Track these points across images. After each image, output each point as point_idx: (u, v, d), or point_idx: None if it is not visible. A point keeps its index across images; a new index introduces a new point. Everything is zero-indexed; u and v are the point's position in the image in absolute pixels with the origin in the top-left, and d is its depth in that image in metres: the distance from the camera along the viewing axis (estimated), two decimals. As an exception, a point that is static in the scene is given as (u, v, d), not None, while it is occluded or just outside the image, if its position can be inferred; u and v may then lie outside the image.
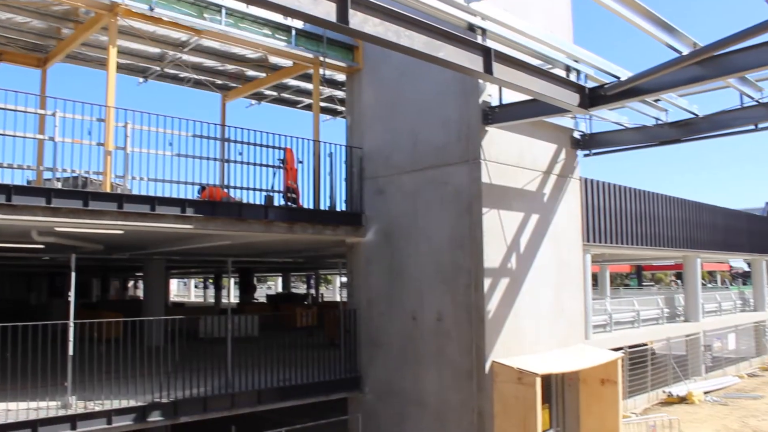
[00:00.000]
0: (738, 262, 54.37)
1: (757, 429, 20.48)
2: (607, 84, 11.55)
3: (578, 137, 15.26)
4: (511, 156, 13.36)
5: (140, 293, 46.36)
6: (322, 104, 19.34)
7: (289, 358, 14.10)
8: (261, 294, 57.89)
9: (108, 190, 11.48)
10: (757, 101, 12.66)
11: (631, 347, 25.10)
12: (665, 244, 26.93)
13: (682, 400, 24.76)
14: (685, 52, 10.00)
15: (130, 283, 55.62)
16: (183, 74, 17.69)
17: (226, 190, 13.87)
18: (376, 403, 14.27)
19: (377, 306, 14.42)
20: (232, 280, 44.62)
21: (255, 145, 13.97)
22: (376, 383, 14.35)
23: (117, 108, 11.83)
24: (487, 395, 12.38)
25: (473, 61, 9.32)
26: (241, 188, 14.12)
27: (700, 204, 30.81)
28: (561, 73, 11.33)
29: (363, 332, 14.69)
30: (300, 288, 73.41)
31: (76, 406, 10.94)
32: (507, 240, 12.95)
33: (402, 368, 13.76)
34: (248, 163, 14.03)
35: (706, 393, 25.91)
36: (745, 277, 73.12)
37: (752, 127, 13.30)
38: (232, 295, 47.51)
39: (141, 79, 17.89)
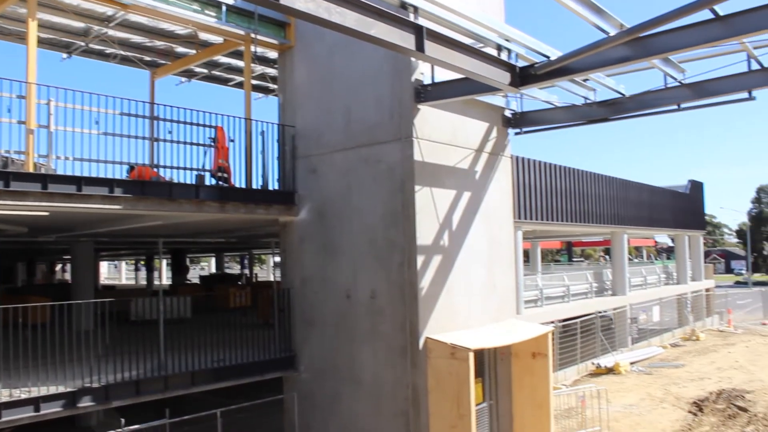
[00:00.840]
0: (663, 237, 56.02)
1: (679, 395, 21.34)
2: (537, 63, 11.69)
3: (509, 116, 15.46)
4: (443, 134, 13.45)
5: (69, 277, 45.18)
6: (254, 82, 19.08)
7: (223, 339, 14.00)
8: (194, 275, 57.15)
9: (31, 170, 11.10)
10: (680, 82, 13.03)
11: (562, 321, 25.76)
12: (594, 221, 27.61)
13: (610, 370, 25.61)
14: (613, 33, 10.19)
15: (58, 267, 54.13)
16: (109, 50, 17.14)
17: (155, 170, 13.60)
18: (311, 382, 14.30)
19: (311, 285, 14.40)
20: (164, 262, 43.91)
21: (185, 123, 13.72)
22: (311, 362, 14.37)
23: (39, 84, 11.41)
24: (421, 371, 12.54)
25: (405, 39, 9.33)
26: (172, 168, 13.88)
27: (627, 182, 31.68)
28: (492, 52, 11.43)
29: (297, 311, 14.67)
30: (234, 268, 72.78)
31: (1, 394, 10.61)
32: (439, 217, 13.08)
33: (337, 346, 13.81)
34: (178, 142, 13.78)
35: (632, 363, 26.87)
36: (669, 252, 75.68)
37: (675, 107, 13.71)
38: (164, 276, 46.82)
39: (65, 55, 17.27)
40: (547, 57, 11.69)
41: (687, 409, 19.79)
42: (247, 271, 49.91)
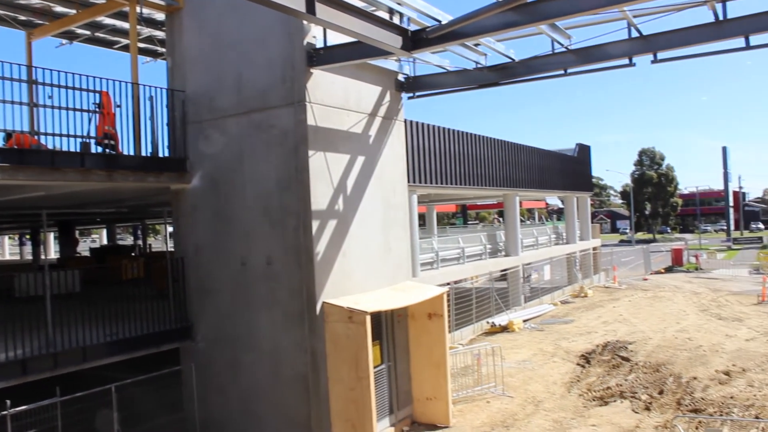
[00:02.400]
0: (553, 199, 58.00)
1: (568, 349, 22.33)
2: (428, 27, 11.78)
3: (402, 80, 15.54)
4: (336, 98, 13.40)
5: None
6: (141, 45, 18.39)
7: (116, 312, 13.54)
8: (85, 248, 55.10)
9: None
10: (566, 48, 13.44)
11: (456, 282, 26.34)
12: (487, 184, 28.23)
13: (504, 329, 26.46)
14: (501, -2, 10.36)
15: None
16: (-21, 9, 16.10)
17: (36, 137, 12.93)
18: (209, 351, 14.13)
19: (205, 253, 14.16)
20: (51, 235, 42.07)
21: (67, 88, 13.02)
22: (208, 331, 14.18)
23: None
24: (319, 335, 12.60)
25: (296, 1, 9.17)
26: (54, 135, 13.20)
27: (519, 145, 32.49)
28: (384, 15, 11.41)
29: (192, 280, 14.40)
30: (127, 240, 70.60)
31: None
32: (334, 182, 13.07)
33: (234, 314, 13.68)
34: (60, 108, 13.09)
35: (525, 321, 27.85)
36: (559, 213, 78.43)
37: (562, 71, 14.10)
38: (51, 250, 44.91)
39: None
40: (439, 21, 11.80)
41: (576, 361, 20.74)
42: (140, 242, 48.48)
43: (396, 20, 11.64)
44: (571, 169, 40.90)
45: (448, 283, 24.48)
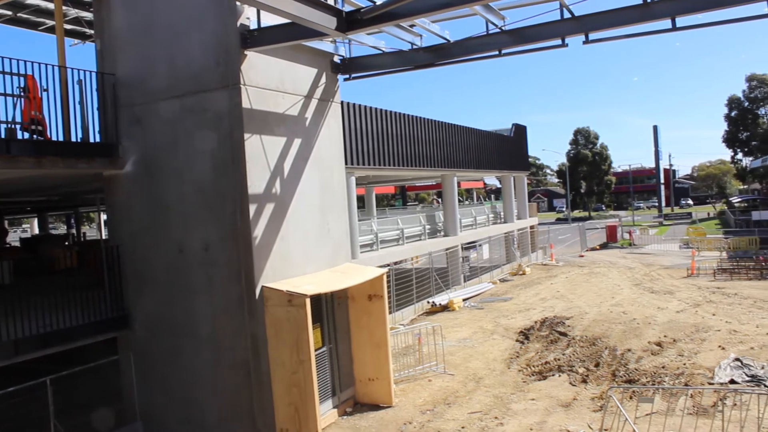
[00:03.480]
0: (491, 179, 58.58)
1: (508, 326, 22.71)
2: (363, 8, 11.73)
3: (338, 61, 15.45)
4: (271, 80, 13.24)
5: None
6: (68, 27, 17.86)
7: (49, 303, 13.16)
8: (15, 238, 53.44)
9: None
10: (500, 29, 13.55)
11: (396, 262, 26.47)
12: (425, 165, 28.40)
13: (445, 308, 26.76)
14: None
15: None
16: None
17: (-43, 124, 12.44)
18: (147, 340, 13.89)
19: (141, 240, 13.87)
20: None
21: (-12, 72, 12.56)
22: (146, 319, 13.93)
23: None
24: (259, 320, 12.52)
25: (226, -19, 9.01)
26: (-24, 121, 12.71)
27: (456, 126, 32.74)
28: (318, -5, 11.31)
29: (128, 268, 14.10)
30: (60, 228, 68.80)
31: None
32: (271, 166, 12.94)
33: (172, 301, 13.46)
34: (-19, 93, 12.61)
35: (465, 300, 28.20)
36: (497, 193, 79.41)
37: (497, 52, 14.20)
38: (-21, 241, 43.38)
39: None
40: (373, 2, 11.77)
41: (515, 338, 21.12)
42: (74, 231, 47.25)
43: (330, 1, 11.55)
44: (507, 149, 41.42)
45: (388, 264, 24.62)
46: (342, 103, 16.33)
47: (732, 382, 15.34)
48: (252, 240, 12.37)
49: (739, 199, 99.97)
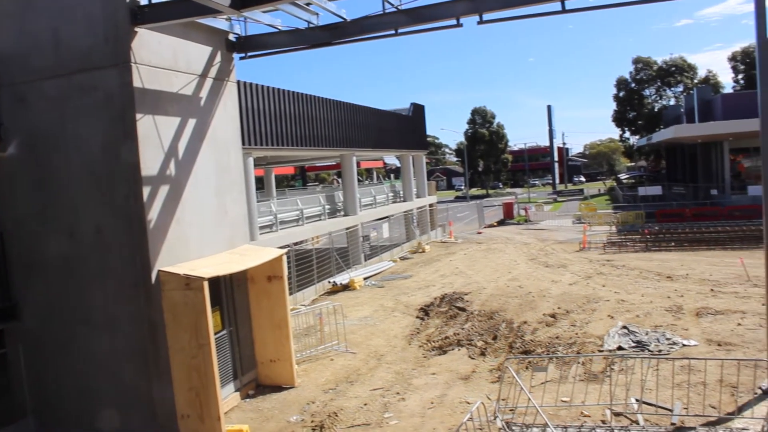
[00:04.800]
0: (390, 158, 58.99)
1: (408, 303, 23.07)
2: (257, -15, 11.52)
3: (233, 40, 15.14)
4: (164, 59, 12.83)
5: None
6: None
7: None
8: None
9: None
10: (396, 8, 13.58)
11: (296, 243, 26.37)
12: (324, 144, 28.33)
13: (346, 287, 26.89)
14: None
15: None
16: None
17: None
18: (38, 330, 13.27)
19: (28, 226, 13.19)
20: None
21: None
22: (36, 309, 13.30)
23: None
24: (156, 305, 12.20)
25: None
26: None
27: (355, 105, 32.77)
28: (210, -29, 11.02)
29: (15, 256, 13.41)
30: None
31: None
32: (165, 147, 12.58)
33: (64, 289, 12.91)
34: None
35: (366, 279, 28.41)
36: (397, 172, 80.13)
37: (393, 31, 14.24)
38: None
39: None
40: (267, -22, 11.55)
41: (415, 315, 21.46)
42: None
43: (223, -23, 11.27)
44: (406, 129, 41.78)
45: (289, 245, 24.52)
46: (238, 82, 16.08)
47: (620, 348, 16.12)
48: (147, 223, 12.02)
49: (627, 176, 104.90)
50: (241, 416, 13.66)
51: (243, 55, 15.50)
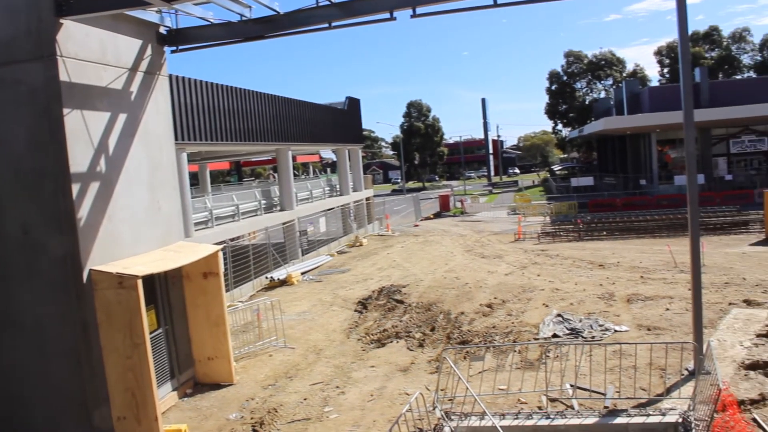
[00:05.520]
0: (327, 152, 58.82)
1: (346, 297, 23.07)
2: (187, -24, 11.31)
3: (164, 33, 14.82)
4: (92, 52, 12.47)
5: None
6: None
7: None
8: None
9: None
10: (329, 1, 13.49)
11: (232, 239, 26.08)
12: (259, 139, 28.07)
13: (283, 282, 26.72)
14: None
15: None
16: None
17: None
18: (-40, 334, 12.80)
19: (-51, 226, 12.70)
20: None
21: None
22: (-42, 311, 12.82)
23: None
24: (88, 305, 11.88)
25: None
26: None
27: (290, 99, 32.56)
28: (138, -38, 10.77)
29: (-65, 257, 12.89)
30: None
31: None
32: (94, 142, 12.24)
33: (-12, 291, 12.47)
34: None
35: (303, 273, 28.28)
36: (333, 167, 80.00)
37: (326, 25, 14.15)
38: None
39: None
40: (197, -30, 11.35)
41: (354, 308, 21.48)
42: None
43: (152, -32, 11.04)
44: (342, 123, 41.73)
45: (225, 241, 24.23)
46: (171, 76, 15.78)
47: (554, 336, 16.47)
48: (77, 221, 11.68)
49: (560, 167, 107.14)
50: (179, 416, 13.45)
51: (174, 48, 15.19)
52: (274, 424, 12.54)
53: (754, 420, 10.90)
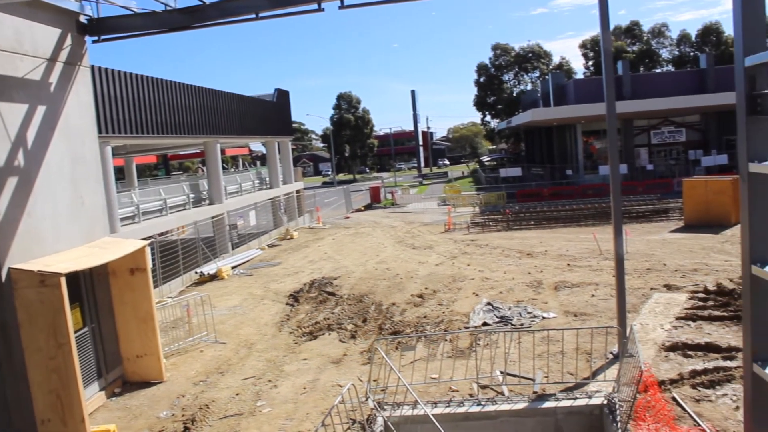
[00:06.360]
0: (257, 145, 58.19)
1: (278, 291, 22.91)
2: (107, -36, 10.98)
3: (85, 22, 14.37)
4: (6, 40, 11.97)
5: None
6: None
7: None
8: None
9: None
10: (256, -10, 13.34)
11: (161, 234, 25.59)
12: (186, 132, 27.57)
13: (214, 277, 26.36)
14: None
15: None
16: None
17: None
18: None
19: None
20: None
21: None
22: None
23: None
24: (8, 305, 11.45)
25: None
26: None
27: (217, 91, 32.07)
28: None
29: None
30: None
31: None
32: (11, 135, 11.77)
33: None
34: None
35: (234, 267, 27.95)
36: (263, 160, 79.22)
37: (254, 15, 13.97)
38: None
39: None
40: (118, -42, 11.04)
41: (285, 301, 21.33)
42: None
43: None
44: (271, 115, 41.33)
45: (153, 236, 23.74)
46: (93, 67, 15.29)
47: (485, 324, 16.72)
48: (-6, 218, 11.25)
49: (489, 158, 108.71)
50: (107, 416, 13.12)
51: (96, 38, 14.73)
52: (205, 420, 12.36)
53: (674, 398, 11.32)
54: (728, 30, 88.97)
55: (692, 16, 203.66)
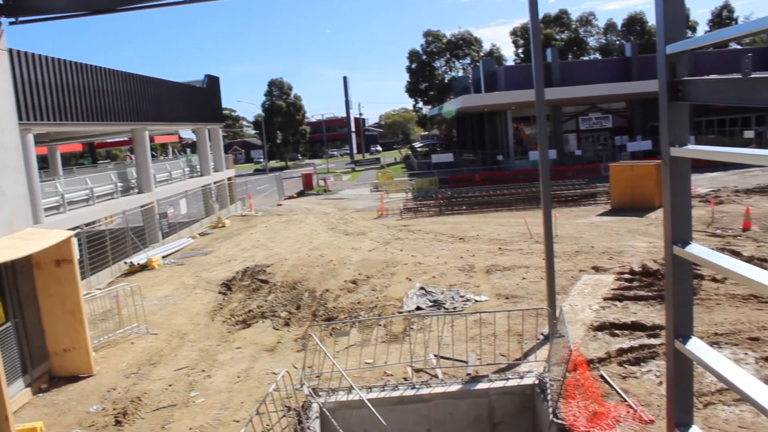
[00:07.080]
0: (187, 133, 57.19)
1: (210, 280, 22.63)
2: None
3: (1, 2, 13.82)
4: None
5: None
6: None
7: None
8: None
9: None
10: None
11: (88, 224, 24.97)
12: (113, 119, 26.92)
13: (144, 267, 25.85)
14: None
15: None
16: None
17: None
18: None
19: None
20: None
21: None
22: None
23: None
24: (-75, 299, 11.04)
25: None
26: None
27: (145, 77, 31.35)
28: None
29: None
30: None
31: None
32: (-75, 123, 11.32)
33: None
34: None
35: (164, 257, 27.46)
36: (193, 147, 77.95)
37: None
38: None
39: None
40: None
41: (218, 290, 21.07)
42: None
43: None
44: (201, 101, 40.67)
45: (79, 227, 23.14)
46: (11, 51, 14.74)
47: (418, 308, 16.87)
48: None
49: (421, 144, 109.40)
50: (34, 413, 12.74)
51: (14, 20, 14.16)
52: (138, 413, 12.14)
53: (602, 376, 11.67)
54: (651, 20, 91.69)
55: (618, 5, 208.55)
